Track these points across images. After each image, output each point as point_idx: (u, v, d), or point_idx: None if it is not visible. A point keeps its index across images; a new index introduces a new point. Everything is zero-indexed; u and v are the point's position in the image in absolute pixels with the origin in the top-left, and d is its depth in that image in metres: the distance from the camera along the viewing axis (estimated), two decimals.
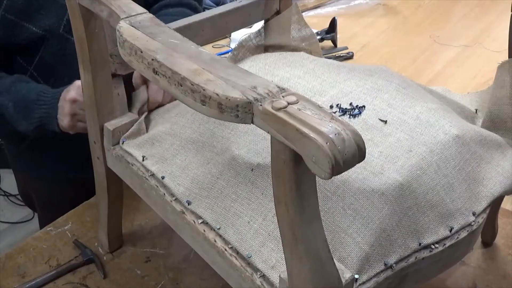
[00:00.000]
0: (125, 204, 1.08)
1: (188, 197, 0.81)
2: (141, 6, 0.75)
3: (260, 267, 0.71)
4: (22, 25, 1.14)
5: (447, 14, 2.08)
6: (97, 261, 1.05)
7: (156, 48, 0.64)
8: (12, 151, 1.39)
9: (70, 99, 1.06)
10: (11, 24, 1.13)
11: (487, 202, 0.81)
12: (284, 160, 0.54)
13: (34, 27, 1.14)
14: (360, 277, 0.70)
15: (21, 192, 1.58)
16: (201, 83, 0.57)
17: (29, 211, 2.23)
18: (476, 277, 1.04)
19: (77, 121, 1.08)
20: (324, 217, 0.69)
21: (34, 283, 1.01)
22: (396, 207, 0.73)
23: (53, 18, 1.15)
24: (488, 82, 1.25)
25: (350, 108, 0.84)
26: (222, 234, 0.76)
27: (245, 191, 0.77)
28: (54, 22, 1.15)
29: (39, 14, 1.14)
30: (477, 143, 0.84)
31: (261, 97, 0.54)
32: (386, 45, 1.86)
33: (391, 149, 0.77)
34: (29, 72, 1.20)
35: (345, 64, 1.00)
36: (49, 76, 1.20)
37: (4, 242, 2.03)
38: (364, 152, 0.51)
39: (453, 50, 1.81)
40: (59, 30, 1.16)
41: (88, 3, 0.79)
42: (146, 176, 0.86)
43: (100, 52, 0.88)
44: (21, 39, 1.15)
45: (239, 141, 0.81)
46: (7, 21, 1.13)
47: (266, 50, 1.09)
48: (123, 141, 0.92)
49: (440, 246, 0.76)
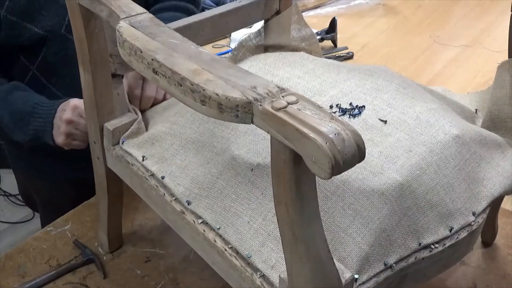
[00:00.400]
0: (125, 204, 1.08)
1: (188, 197, 0.81)
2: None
3: (260, 267, 0.71)
4: (24, 25, 1.14)
5: (447, 14, 2.08)
6: (97, 261, 1.05)
7: (156, 48, 0.64)
8: (12, 152, 1.39)
9: (66, 120, 1.07)
10: (13, 25, 1.13)
11: (487, 202, 0.81)
12: (284, 160, 0.54)
13: (36, 28, 1.14)
14: (360, 277, 0.70)
15: (22, 192, 1.58)
16: (201, 83, 0.57)
17: (29, 211, 2.23)
18: (476, 277, 1.03)
19: (72, 140, 1.10)
20: (324, 217, 0.69)
21: (34, 283, 1.01)
22: (396, 207, 0.73)
23: (54, 19, 1.15)
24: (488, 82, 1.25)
25: (350, 108, 0.84)
26: (222, 234, 0.76)
27: (245, 191, 0.77)
28: (55, 22, 1.15)
29: (40, 14, 1.14)
30: (477, 143, 0.84)
31: (261, 97, 0.54)
32: (386, 45, 1.86)
33: (391, 149, 0.77)
34: (32, 72, 1.20)
35: (345, 64, 1.00)
36: (51, 76, 1.20)
37: (4, 242, 2.03)
38: (364, 152, 0.51)
39: (453, 50, 1.81)
40: (61, 30, 1.16)
41: (88, 3, 0.79)
42: (146, 176, 0.86)
43: (100, 52, 0.88)
44: (23, 40, 1.15)
45: (239, 141, 0.81)
46: (9, 22, 1.13)
47: (266, 50, 1.09)
48: (123, 141, 0.92)
49: (440, 246, 0.76)
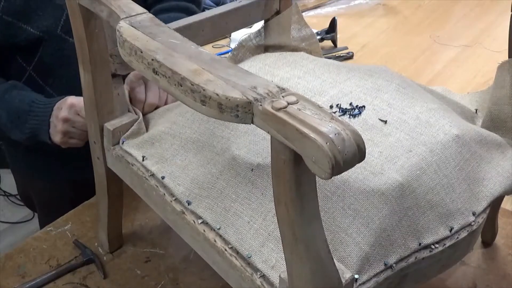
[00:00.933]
0: (125, 204, 1.08)
1: (188, 197, 0.81)
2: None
3: (260, 267, 0.71)
4: (19, 26, 1.14)
5: (447, 14, 2.08)
6: (97, 261, 1.05)
7: (156, 48, 0.64)
8: (11, 152, 1.38)
9: (62, 118, 1.07)
10: (9, 26, 1.13)
11: (487, 202, 0.81)
12: (284, 160, 0.54)
13: (32, 28, 1.14)
14: (360, 277, 0.70)
15: (21, 192, 1.58)
16: (201, 83, 0.57)
17: (29, 211, 2.23)
18: (476, 277, 1.03)
19: (69, 138, 1.10)
20: (324, 217, 0.69)
21: (34, 283, 1.01)
22: (396, 207, 0.73)
23: (50, 19, 1.15)
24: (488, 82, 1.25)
25: (350, 108, 0.84)
26: (222, 234, 0.76)
27: (245, 191, 0.77)
28: (51, 23, 1.15)
29: (36, 15, 1.14)
30: (477, 143, 0.84)
31: (261, 97, 0.54)
32: (386, 45, 1.86)
33: (391, 149, 0.77)
34: (28, 73, 1.20)
35: (345, 64, 1.00)
36: (47, 77, 1.20)
37: (4, 242, 2.03)
38: (364, 152, 0.51)
39: (453, 50, 1.81)
40: (57, 31, 1.16)
41: (88, 3, 0.79)
42: (146, 176, 0.86)
43: (100, 52, 0.88)
44: (19, 40, 1.15)
45: (239, 141, 0.81)
46: (5, 23, 1.13)
47: (266, 50, 1.09)
48: (123, 141, 0.92)
49: (440, 246, 0.76)
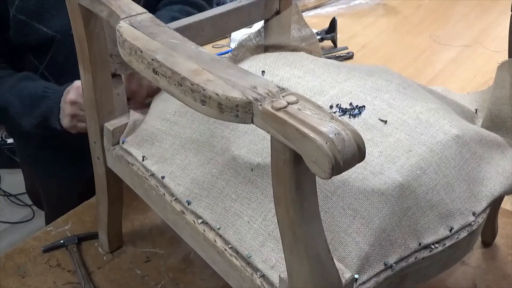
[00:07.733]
0: (125, 204, 1.08)
1: (188, 197, 0.81)
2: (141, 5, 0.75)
3: (260, 267, 0.71)
4: (32, 25, 1.14)
5: (447, 14, 2.08)
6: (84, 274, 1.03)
7: (156, 48, 0.64)
8: (21, 148, 1.40)
9: (70, 100, 1.08)
10: (22, 24, 1.14)
11: (487, 202, 0.81)
12: (284, 160, 0.54)
13: (45, 28, 1.15)
14: (360, 277, 0.69)
15: (28, 189, 1.59)
16: (201, 83, 0.57)
17: (29, 211, 2.24)
18: (476, 277, 1.03)
19: (78, 121, 1.10)
20: (324, 217, 0.69)
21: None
22: (396, 207, 0.73)
23: (63, 19, 1.15)
24: (488, 82, 1.25)
25: (350, 108, 0.84)
26: (222, 234, 0.76)
27: (245, 191, 0.77)
28: (65, 23, 1.14)
29: (49, 14, 1.14)
30: (477, 143, 0.84)
31: (261, 97, 0.54)
32: (386, 45, 1.86)
33: (391, 149, 0.77)
34: (40, 71, 1.21)
35: (345, 64, 1.00)
36: (59, 76, 1.21)
37: (4, 242, 2.03)
38: (364, 152, 0.51)
39: (453, 50, 1.81)
40: (70, 31, 1.16)
41: (88, 3, 0.79)
42: (146, 176, 0.86)
43: (100, 52, 0.88)
44: (31, 39, 1.16)
45: (239, 141, 0.81)
46: (18, 21, 1.13)
47: (266, 50, 1.09)
48: (123, 141, 0.92)
49: (440, 246, 0.76)
